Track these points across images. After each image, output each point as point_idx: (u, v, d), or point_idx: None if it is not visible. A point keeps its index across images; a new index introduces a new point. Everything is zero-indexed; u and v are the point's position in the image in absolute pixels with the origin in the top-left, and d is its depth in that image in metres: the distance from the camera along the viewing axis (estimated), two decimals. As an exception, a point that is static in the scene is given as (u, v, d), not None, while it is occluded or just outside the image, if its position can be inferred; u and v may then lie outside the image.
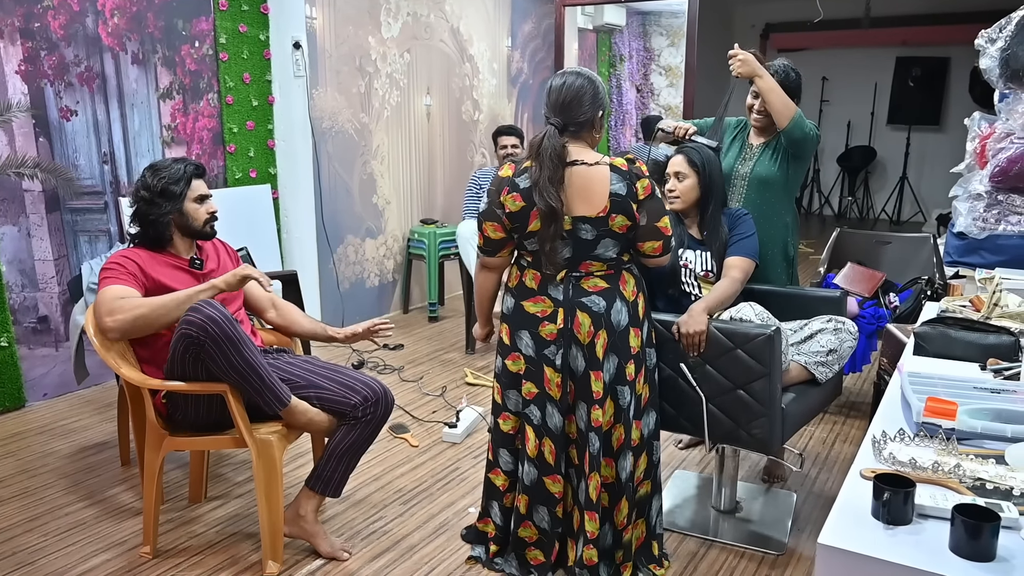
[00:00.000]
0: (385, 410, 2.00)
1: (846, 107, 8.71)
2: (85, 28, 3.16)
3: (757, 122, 2.45)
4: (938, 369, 1.63)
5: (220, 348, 1.78)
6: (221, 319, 1.79)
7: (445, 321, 4.45)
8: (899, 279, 3.32)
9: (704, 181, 2.18)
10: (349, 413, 1.97)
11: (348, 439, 1.98)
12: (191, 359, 1.83)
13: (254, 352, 1.85)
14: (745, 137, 2.52)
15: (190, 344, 1.79)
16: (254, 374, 1.84)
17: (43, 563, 2.02)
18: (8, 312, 2.97)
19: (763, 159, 2.43)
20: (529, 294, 1.79)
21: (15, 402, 3.03)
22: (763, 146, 2.45)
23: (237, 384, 1.85)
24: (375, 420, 1.99)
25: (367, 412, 1.96)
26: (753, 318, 2.02)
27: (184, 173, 2.03)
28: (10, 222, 2.98)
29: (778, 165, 2.40)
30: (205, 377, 1.86)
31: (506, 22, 5.33)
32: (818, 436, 2.91)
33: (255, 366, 1.83)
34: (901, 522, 1.04)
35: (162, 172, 2.03)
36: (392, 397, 2.04)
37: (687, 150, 2.22)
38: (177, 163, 2.05)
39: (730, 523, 2.30)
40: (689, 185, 2.19)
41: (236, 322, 1.84)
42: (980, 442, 1.28)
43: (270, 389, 1.87)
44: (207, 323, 1.77)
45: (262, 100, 3.91)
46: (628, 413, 1.79)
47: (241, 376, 1.83)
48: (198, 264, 2.07)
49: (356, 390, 1.97)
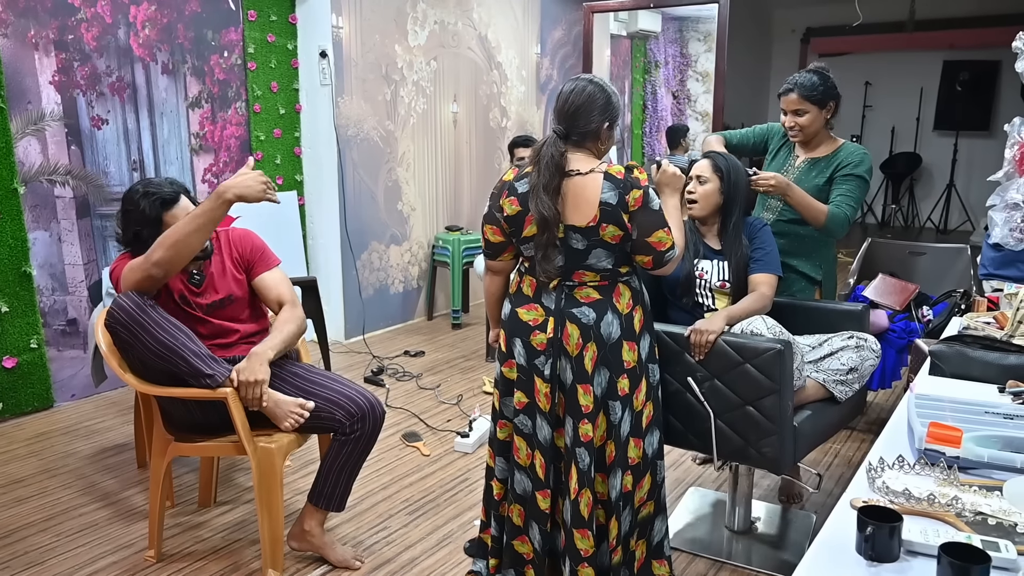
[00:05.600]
0: (374, 425, 1.97)
1: (890, 112, 8.44)
2: (117, 40, 3.26)
3: (795, 138, 2.35)
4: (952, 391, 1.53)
5: (132, 333, 1.81)
6: (128, 305, 1.81)
7: (468, 328, 4.44)
8: (934, 291, 3.17)
9: (727, 188, 2.11)
10: (337, 429, 1.95)
11: (341, 455, 1.96)
12: (120, 350, 1.87)
13: (174, 335, 1.83)
14: (792, 148, 2.41)
15: (112, 335, 1.85)
16: (176, 356, 1.81)
17: (52, 563, 2.07)
18: (39, 315, 3.08)
19: (805, 178, 2.32)
20: (524, 300, 1.77)
21: (44, 402, 3.13)
22: (808, 163, 2.34)
23: (165, 369, 1.85)
24: (364, 435, 1.96)
25: (354, 428, 1.94)
26: (765, 332, 1.95)
27: (149, 214, 1.91)
28: (42, 227, 3.08)
29: (820, 188, 2.29)
30: (139, 367, 1.88)
31: (535, 29, 5.31)
32: (844, 454, 2.80)
33: (173, 348, 1.81)
34: (886, 559, 0.97)
35: (130, 214, 1.94)
36: (382, 410, 2.00)
37: (713, 154, 2.16)
38: (144, 198, 1.92)
39: (744, 544, 2.22)
40: (709, 190, 2.12)
41: (148, 307, 1.83)
42: (987, 472, 1.19)
43: (200, 372, 1.83)
44: (114, 311, 1.81)
45: (289, 108, 3.98)
46: (620, 429, 1.73)
47: (163, 359, 1.82)
48: (196, 280, 2.03)
49: (341, 405, 1.95)
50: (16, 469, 2.62)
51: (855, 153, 2.29)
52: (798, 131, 2.30)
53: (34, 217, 3.05)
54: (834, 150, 2.32)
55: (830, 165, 2.30)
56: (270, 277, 2.11)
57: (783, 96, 2.29)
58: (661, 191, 1.80)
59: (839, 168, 2.28)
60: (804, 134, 2.30)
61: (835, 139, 2.36)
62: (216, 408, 1.92)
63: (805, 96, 2.24)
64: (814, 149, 2.35)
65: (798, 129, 2.29)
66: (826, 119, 2.30)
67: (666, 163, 1.86)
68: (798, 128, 2.29)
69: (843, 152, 2.30)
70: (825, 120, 2.30)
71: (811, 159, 2.34)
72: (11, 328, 2.99)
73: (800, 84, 2.25)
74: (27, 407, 3.08)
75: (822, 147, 2.33)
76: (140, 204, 1.93)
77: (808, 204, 2.21)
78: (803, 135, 2.31)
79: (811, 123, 2.28)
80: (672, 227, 1.71)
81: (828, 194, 2.28)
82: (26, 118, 2.99)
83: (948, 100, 8.09)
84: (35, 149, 3.04)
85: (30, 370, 3.07)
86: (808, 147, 2.36)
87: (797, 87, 2.25)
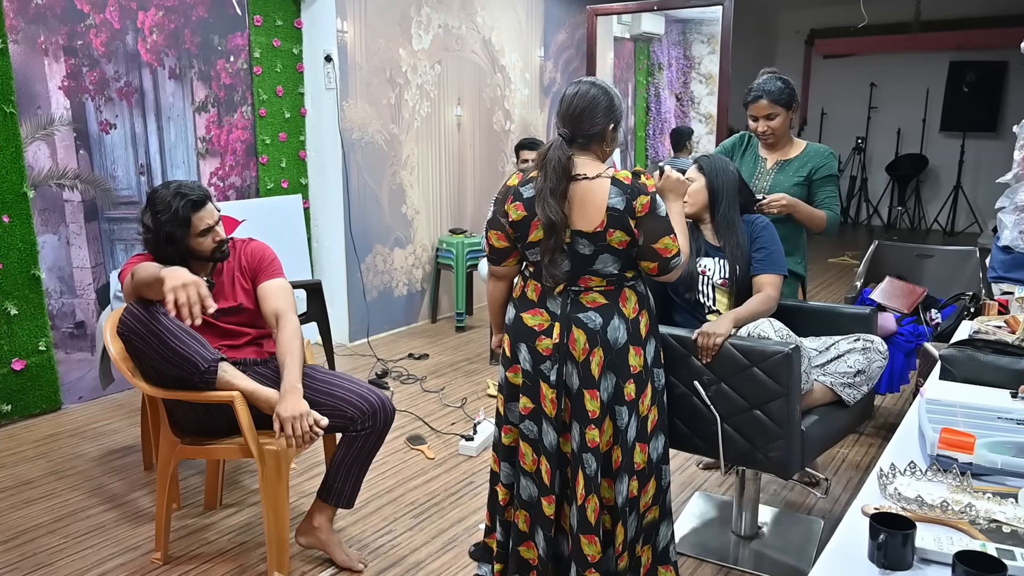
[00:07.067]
0: (384, 422, 1.98)
1: (896, 114, 8.40)
2: (125, 45, 3.27)
3: (767, 141, 2.44)
4: (963, 396, 1.52)
5: (144, 341, 1.85)
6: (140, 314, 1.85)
7: (472, 331, 4.44)
8: (942, 294, 3.15)
9: (710, 183, 2.16)
10: (347, 427, 1.96)
11: (351, 452, 1.97)
12: (132, 357, 1.91)
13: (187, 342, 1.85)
14: (756, 153, 2.50)
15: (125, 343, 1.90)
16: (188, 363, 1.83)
17: (61, 565, 2.07)
18: (47, 317, 3.09)
19: (780, 179, 2.42)
20: (529, 306, 1.76)
21: (52, 404, 3.14)
22: (779, 165, 2.44)
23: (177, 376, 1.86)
24: (375, 432, 1.97)
25: (365, 425, 1.95)
26: (772, 335, 1.94)
27: (181, 215, 1.94)
28: (51, 231, 3.09)
29: (799, 188, 2.39)
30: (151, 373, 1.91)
31: (539, 32, 5.31)
32: (851, 459, 2.78)
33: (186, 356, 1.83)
34: (899, 567, 0.96)
35: (161, 214, 1.95)
36: (392, 408, 2.02)
37: (699, 156, 2.24)
38: (176, 199, 1.94)
39: (750, 549, 2.21)
40: (696, 188, 2.17)
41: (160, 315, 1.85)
42: (1001, 479, 1.18)
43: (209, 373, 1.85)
44: (126, 319, 1.86)
45: (294, 112, 3.98)
46: (626, 435, 1.73)
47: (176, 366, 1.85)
48: (208, 285, 2.03)
49: (352, 403, 1.96)
50: (25, 471, 2.63)
51: (825, 154, 2.42)
52: (770, 134, 2.40)
53: (43, 221, 3.06)
54: (802, 150, 2.44)
55: (804, 166, 2.41)
56: (271, 286, 2.09)
57: (752, 104, 2.39)
58: (664, 196, 1.79)
59: (815, 170, 2.40)
60: (776, 136, 2.41)
61: (796, 140, 2.48)
62: (223, 411, 1.92)
63: (775, 100, 2.36)
64: (781, 150, 2.45)
65: (770, 132, 2.40)
66: (790, 119, 2.42)
67: (668, 168, 1.86)
68: (770, 131, 2.40)
69: (813, 153, 2.43)
70: (790, 120, 2.42)
71: (781, 161, 2.44)
72: (20, 330, 3.01)
73: (768, 90, 2.36)
74: (35, 409, 3.09)
75: (788, 148, 2.45)
76: (173, 205, 1.94)
77: (811, 214, 2.34)
78: (775, 137, 2.42)
79: (781, 125, 2.39)
80: (677, 233, 1.71)
81: (807, 192, 2.40)
82: (36, 123, 3.01)
83: (955, 101, 8.05)
84: (44, 153, 3.05)
85: (38, 372, 3.08)
86: (775, 149, 2.46)
87: (766, 93, 2.36)
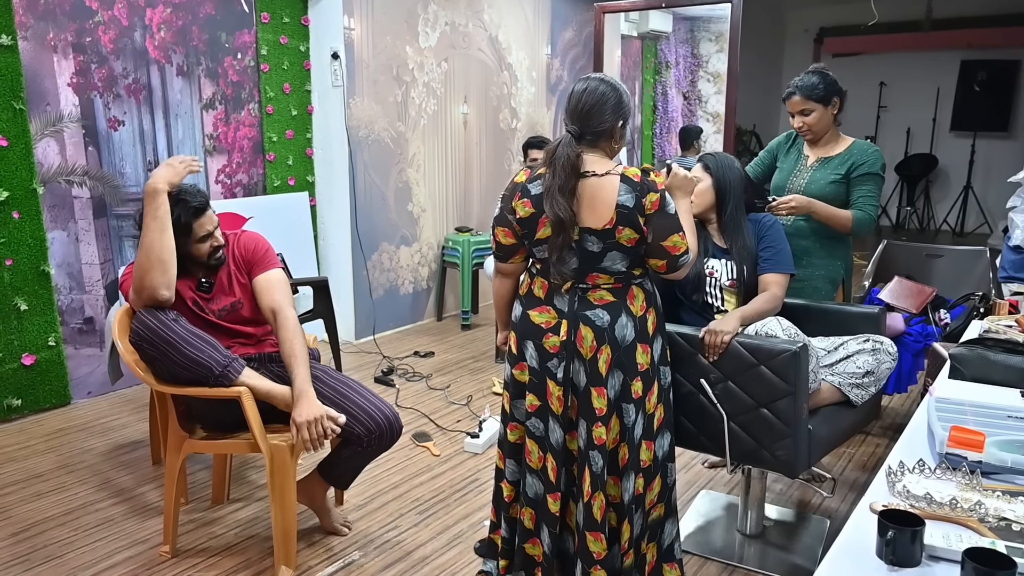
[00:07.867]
0: (391, 439, 2.01)
1: (906, 113, 8.35)
2: (133, 42, 3.28)
3: (807, 137, 2.41)
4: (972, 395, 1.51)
5: (158, 349, 1.86)
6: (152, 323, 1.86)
7: (478, 329, 4.44)
8: (951, 294, 3.13)
9: (717, 183, 2.15)
10: (353, 442, 1.98)
11: (352, 457, 2.03)
12: (147, 363, 1.92)
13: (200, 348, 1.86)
14: (800, 150, 2.47)
15: (138, 351, 1.90)
16: (203, 368, 1.85)
17: (70, 557, 2.09)
18: (56, 313, 3.11)
19: (818, 176, 2.37)
20: (536, 303, 1.76)
21: (61, 399, 3.16)
22: (819, 163, 2.39)
23: (192, 379, 1.87)
24: (380, 447, 2.01)
25: (371, 443, 1.98)
26: (780, 333, 1.93)
27: (182, 221, 1.95)
28: (60, 227, 3.11)
29: (836, 186, 2.34)
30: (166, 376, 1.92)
31: (546, 30, 5.31)
32: (858, 459, 2.77)
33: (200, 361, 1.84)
34: (908, 564, 0.96)
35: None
36: (400, 425, 2.02)
37: (704, 155, 2.23)
38: (177, 205, 1.94)
39: (756, 548, 2.20)
40: (702, 188, 2.15)
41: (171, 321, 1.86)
42: (1011, 478, 1.17)
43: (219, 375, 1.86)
44: (138, 328, 1.87)
45: (301, 110, 3.99)
46: (633, 432, 1.72)
47: (191, 372, 1.85)
48: (205, 287, 2.05)
49: (361, 422, 1.96)
50: (35, 464, 2.65)
51: (868, 151, 2.35)
52: (807, 130, 2.37)
53: (52, 217, 3.08)
54: (846, 148, 2.37)
55: (844, 163, 2.34)
56: (266, 279, 2.06)
57: (787, 100, 2.37)
58: (672, 194, 1.79)
59: (855, 167, 2.33)
60: (813, 132, 2.37)
61: (844, 137, 2.42)
62: (231, 406, 1.93)
63: (807, 96, 2.33)
64: (824, 147, 2.40)
65: (807, 128, 2.36)
66: (833, 115, 2.36)
67: (676, 166, 1.85)
68: (807, 127, 2.36)
69: (856, 150, 2.36)
70: (833, 116, 2.36)
71: (823, 158, 2.39)
72: (30, 326, 3.03)
73: (800, 86, 2.34)
74: (45, 403, 3.11)
75: (832, 145, 2.39)
76: (174, 211, 1.94)
77: (832, 215, 2.29)
78: (812, 133, 2.37)
79: (818, 120, 2.34)
80: (686, 230, 1.71)
81: (846, 191, 2.33)
82: (45, 120, 3.02)
83: (965, 100, 7.99)
84: (53, 150, 3.07)
85: (48, 367, 3.10)
86: (818, 146, 2.41)
87: (799, 89, 2.34)
